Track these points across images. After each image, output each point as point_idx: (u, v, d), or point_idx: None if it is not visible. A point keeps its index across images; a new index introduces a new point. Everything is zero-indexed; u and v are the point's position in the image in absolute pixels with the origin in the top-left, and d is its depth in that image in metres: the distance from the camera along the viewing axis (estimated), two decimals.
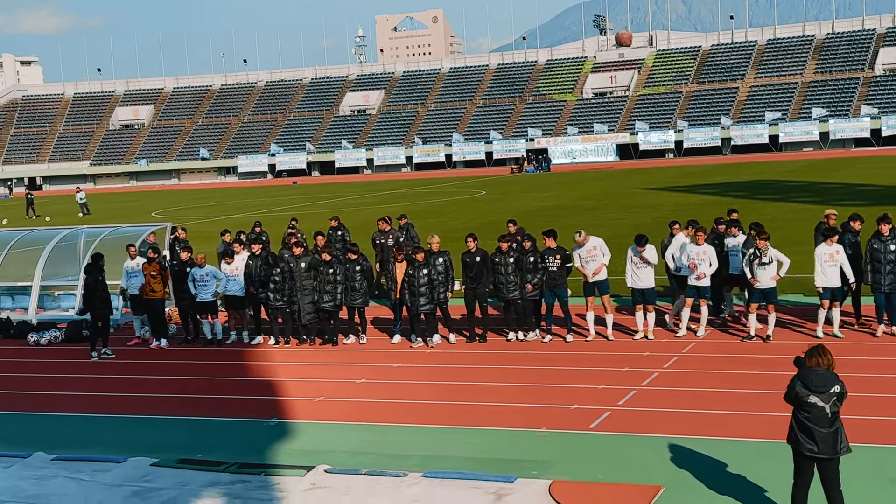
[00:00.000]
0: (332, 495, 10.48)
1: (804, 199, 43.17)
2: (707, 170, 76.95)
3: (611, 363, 15.70)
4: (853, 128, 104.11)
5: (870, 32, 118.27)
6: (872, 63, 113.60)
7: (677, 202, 46.50)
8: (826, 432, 8.53)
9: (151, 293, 19.32)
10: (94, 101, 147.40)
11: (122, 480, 11.37)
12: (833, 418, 8.56)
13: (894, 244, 16.08)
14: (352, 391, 15.05)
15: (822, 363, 8.64)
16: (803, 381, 8.62)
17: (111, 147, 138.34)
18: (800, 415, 8.65)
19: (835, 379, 8.58)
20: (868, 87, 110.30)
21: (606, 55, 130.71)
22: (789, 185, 54.44)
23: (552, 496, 10.04)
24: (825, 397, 8.51)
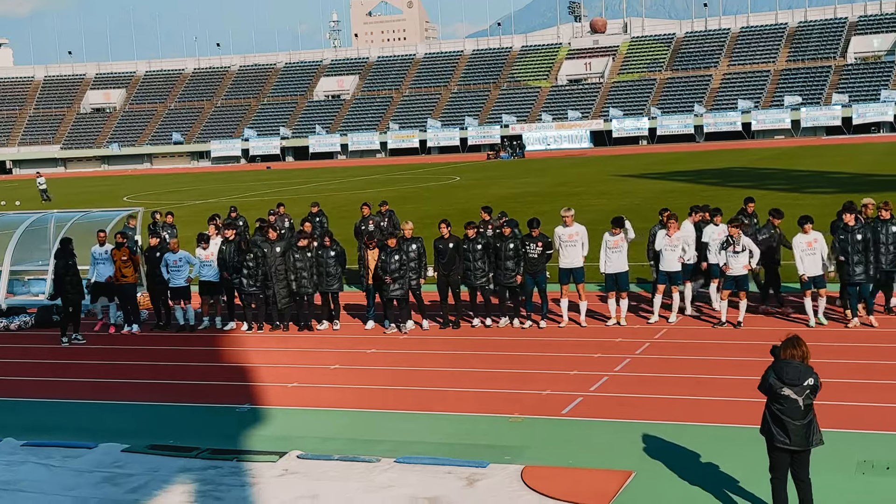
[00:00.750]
0: (304, 481, 10.46)
1: (776, 187, 43.46)
2: (680, 157, 77.29)
3: (583, 349, 15.75)
4: (825, 116, 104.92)
5: (842, 21, 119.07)
6: (844, 51, 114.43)
7: (651, 189, 46.68)
8: (799, 424, 8.46)
9: (123, 278, 19.20)
10: (65, 84, 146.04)
11: (92, 466, 11.30)
12: (806, 411, 8.48)
13: (861, 234, 16.15)
14: (325, 377, 15.03)
15: (796, 355, 8.54)
16: (777, 373, 8.52)
17: (82, 131, 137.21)
18: (773, 407, 8.56)
19: (809, 371, 8.48)
20: (839, 76, 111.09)
21: (581, 42, 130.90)
22: (762, 172, 54.77)
23: (524, 481, 10.07)
24: (798, 390, 8.42)
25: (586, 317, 17.66)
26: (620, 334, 16.67)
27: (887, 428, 11.17)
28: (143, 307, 20.42)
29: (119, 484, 10.70)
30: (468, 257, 17.79)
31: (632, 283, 18.92)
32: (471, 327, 17.87)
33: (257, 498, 10.07)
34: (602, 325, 17.47)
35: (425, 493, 9.94)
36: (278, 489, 10.27)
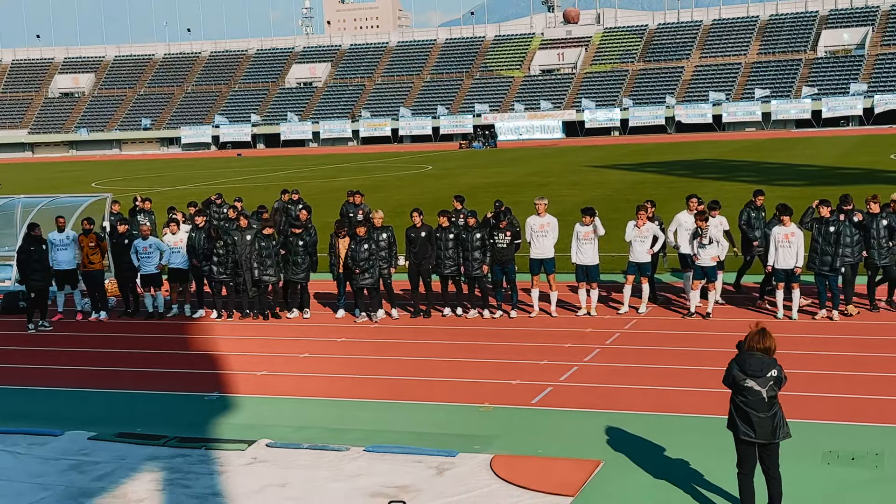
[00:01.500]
0: (273, 469, 10.45)
1: (746, 179, 43.73)
2: (651, 148, 77.62)
3: (553, 339, 15.81)
4: (794, 109, 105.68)
5: (812, 14, 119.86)
6: (815, 45, 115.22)
7: (622, 180, 46.87)
8: (763, 417, 8.38)
9: (90, 265, 19.04)
10: (33, 68, 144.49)
11: (59, 454, 11.23)
12: (770, 403, 8.40)
13: (835, 226, 16.25)
14: (295, 365, 15.00)
15: (759, 347, 8.45)
16: (740, 364, 8.45)
17: (50, 115, 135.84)
18: (737, 399, 8.48)
19: (772, 363, 8.41)
20: (810, 69, 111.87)
21: (554, 32, 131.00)
22: (732, 164, 55.13)
23: (493, 470, 10.11)
24: (762, 381, 8.34)
25: (557, 307, 17.71)
26: (591, 325, 16.74)
27: (852, 419, 11.29)
28: (111, 294, 20.25)
29: (85, 472, 10.64)
30: (440, 246, 17.77)
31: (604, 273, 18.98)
32: (441, 317, 17.88)
33: (225, 486, 10.05)
34: (573, 315, 17.53)
35: (394, 481, 9.96)
36: (247, 477, 10.25)
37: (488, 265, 17.56)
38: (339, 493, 9.73)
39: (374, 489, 9.77)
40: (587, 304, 17.56)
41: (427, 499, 9.35)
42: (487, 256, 17.52)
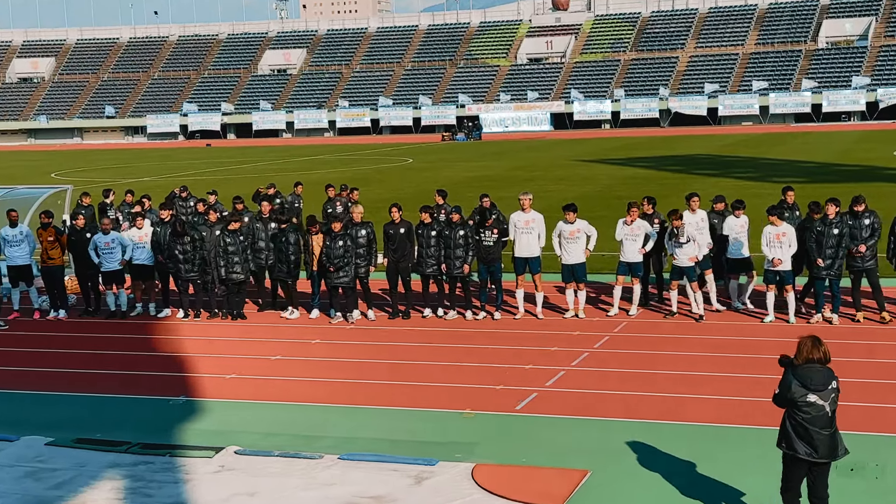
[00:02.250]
0: (242, 478, 10.42)
1: (742, 175, 43.91)
2: (644, 142, 77.87)
3: (539, 342, 15.82)
4: (793, 102, 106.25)
5: (813, 3, 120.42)
6: (815, 35, 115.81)
7: (612, 175, 47.00)
8: (826, 434, 8.06)
9: (49, 260, 18.94)
10: None
11: (14, 461, 11.17)
12: (832, 418, 8.11)
13: (839, 227, 16.21)
14: (266, 368, 14.95)
15: (816, 356, 8.09)
16: (800, 379, 8.05)
17: (7, 102, 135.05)
18: (797, 416, 8.08)
19: (832, 374, 8.11)
20: (810, 61, 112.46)
21: (542, 19, 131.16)
22: (727, 159, 55.32)
23: (475, 480, 10.11)
24: (824, 395, 8.02)
25: (543, 308, 17.72)
26: (578, 327, 16.76)
27: (853, 428, 11.33)
28: (71, 291, 20.13)
29: (42, 479, 10.59)
30: (421, 244, 17.74)
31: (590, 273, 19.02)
32: (421, 318, 17.87)
33: (191, 495, 10.01)
34: (559, 317, 17.54)
35: (369, 491, 9.95)
36: (214, 486, 10.22)
37: (471, 264, 17.56)
38: (311, 502, 9.72)
39: (347, 499, 9.76)
40: (575, 306, 17.58)
41: None
42: (471, 255, 17.50)
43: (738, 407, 12.23)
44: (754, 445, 10.87)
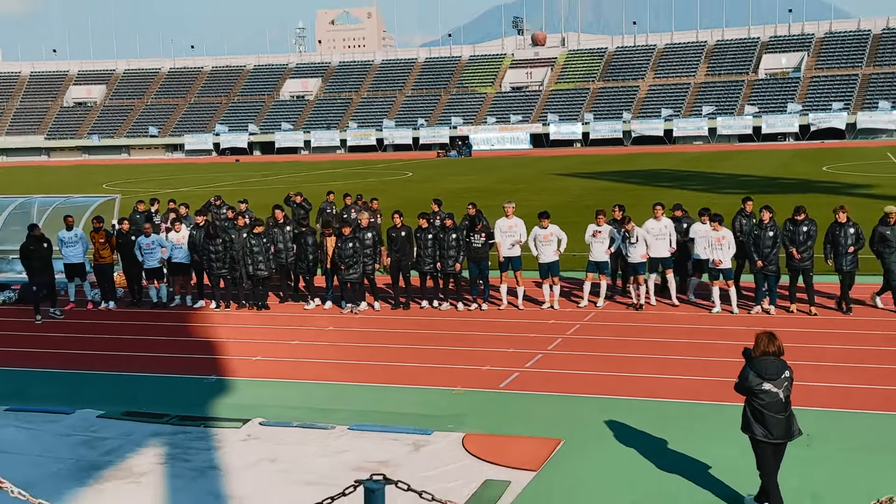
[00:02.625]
0: (266, 445, 10.42)
1: (695, 188, 44.00)
2: (610, 159, 77.90)
3: (520, 329, 15.84)
4: (737, 125, 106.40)
5: (755, 40, 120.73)
6: (756, 67, 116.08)
7: (583, 187, 47.02)
8: (781, 418, 7.96)
9: (101, 259, 18.97)
10: (50, 80, 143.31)
11: (70, 430, 11.16)
12: (787, 403, 8.01)
13: (773, 230, 16.30)
14: (286, 351, 14.95)
15: (771, 350, 8.02)
16: (756, 370, 7.97)
17: (65, 123, 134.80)
18: (754, 402, 8.01)
19: (785, 365, 8.03)
20: (752, 89, 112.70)
21: (523, 53, 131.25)
22: (682, 173, 55.42)
23: (465, 447, 10.12)
24: (778, 383, 7.93)
25: (523, 300, 17.75)
26: (553, 317, 16.78)
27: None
28: (119, 285, 20.12)
29: (95, 447, 10.58)
30: (419, 245, 17.77)
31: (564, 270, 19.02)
32: (419, 309, 17.88)
33: (222, 460, 10.01)
34: (537, 308, 17.56)
35: (375, 457, 9.95)
36: (241, 452, 10.22)
37: (463, 263, 17.60)
38: (324, 467, 9.71)
39: (356, 464, 9.76)
40: (550, 298, 17.60)
41: (405, 473, 9.34)
42: (461, 255, 17.53)
43: (693, 384, 12.26)
44: (711, 420, 10.91)
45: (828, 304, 16.70)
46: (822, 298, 16.91)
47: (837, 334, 14.83)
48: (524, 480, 9.22)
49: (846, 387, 12.00)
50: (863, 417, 10.86)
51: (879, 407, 11.16)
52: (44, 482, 9.50)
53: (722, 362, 13.20)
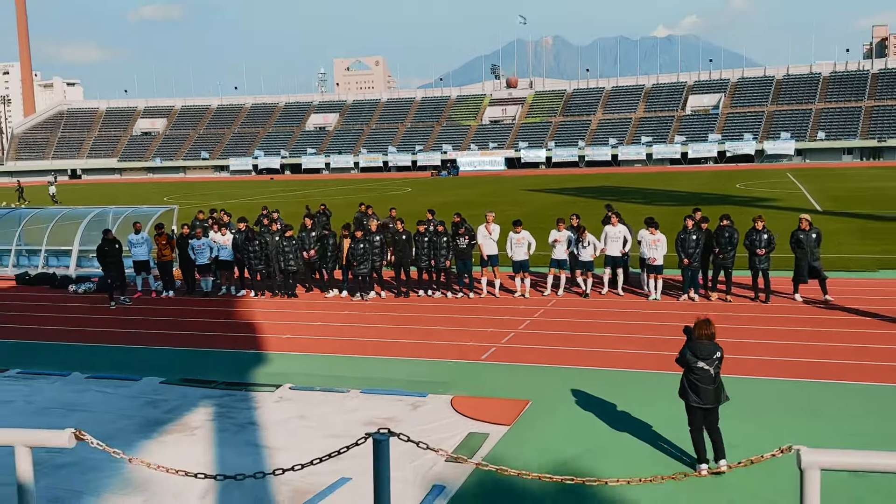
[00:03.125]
0: (294, 405, 10.38)
1: (636, 201, 44.06)
2: (568, 178, 77.95)
3: (497, 313, 15.82)
4: (669, 151, 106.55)
5: (683, 84, 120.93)
6: (684, 106, 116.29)
7: (547, 200, 47.03)
8: (710, 388, 7.90)
9: (162, 257, 18.88)
10: (122, 114, 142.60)
11: (137, 394, 11.10)
12: (715, 376, 7.92)
13: (696, 234, 16.32)
14: (311, 331, 14.90)
15: (706, 335, 7.93)
16: (692, 350, 7.93)
17: (134, 148, 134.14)
18: (690, 376, 7.96)
19: (716, 347, 7.95)
20: (680, 123, 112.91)
21: (500, 94, 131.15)
22: (625, 189, 55.48)
23: (453, 407, 10.11)
24: (710, 362, 7.88)
25: (500, 290, 17.73)
26: (523, 303, 16.77)
27: None
28: (176, 278, 20.03)
29: (158, 406, 10.53)
30: (417, 246, 17.74)
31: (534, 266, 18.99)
32: (417, 297, 17.84)
33: (260, 417, 9.97)
34: (511, 296, 17.55)
35: (382, 414, 9.93)
36: (275, 411, 10.18)
37: (452, 260, 17.59)
38: (342, 422, 9.69)
39: (367, 420, 9.74)
40: (521, 289, 17.58)
41: (406, 426, 9.32)
42: (451, 254, 17.52)
43: (637, 356, 12.27)
44: (653, 385, 10.91)
45: (745, 294, 16.70)
46: (738, 289, 16.95)
47: (750, 317, 14.86)
48: (500, 433, 9.21)
49: (757, 358, 12.03)
50: (771, 383, 10.89)
51: (785, 374, 11.19)
52: (117, 435, 9.45)
53: (659, 339, 13.22)
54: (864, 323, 14.03)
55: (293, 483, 7.88)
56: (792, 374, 11.19)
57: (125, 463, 8.17)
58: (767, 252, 15.94)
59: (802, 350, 12.39)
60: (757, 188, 52.25)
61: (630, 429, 9.27)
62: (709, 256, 16.45)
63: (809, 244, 15.82)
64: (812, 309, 15.38)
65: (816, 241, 15.93)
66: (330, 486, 7.80)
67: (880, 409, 9.68)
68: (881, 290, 17.02)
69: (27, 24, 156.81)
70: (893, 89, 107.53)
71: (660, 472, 7.94)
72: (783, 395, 10.34)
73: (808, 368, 11.42)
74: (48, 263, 22.35)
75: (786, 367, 11.50)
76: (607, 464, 8.31)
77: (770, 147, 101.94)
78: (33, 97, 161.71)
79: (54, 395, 11.15)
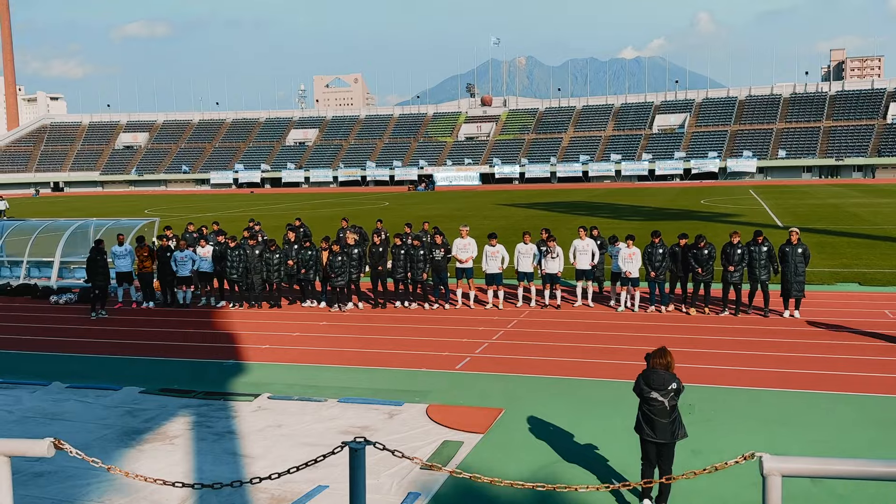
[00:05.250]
0: (272, 414, 10.28)
1: (605, 215, 44.37)
2: (540, 193, 78.38)
3: (471, 324, 15.81)
4: (637, 167, 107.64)
5: (650, 104, 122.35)
6: (651, 124, 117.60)
7: (519, 214, 47.23)
8: (665, 422, 7.15)
9: (144, 269, 18.66)
10: (104, 128, 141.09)
11: (117, 403, 10.93)
12: (671, 410, 7.15)
13: (662, 248, 16.38)
14: (289, 341, 14.78)
15: (661, 364, 7.20)
16: (645, 380, 7.21)
17: (116, 162, 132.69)
18: (644, 408, 7.24)
19: (672, 377, 7.15)
20: (648, 141, 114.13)
21: (475, 111, 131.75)
22: (595, 204, 55.88)
23: (428, 415, 10.07)
24: (664, 393, 7.12)
25: (474, 302, 17.73)
26: (497, 314, 16.78)
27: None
28: (156, 290, 19.77)
29: (137, 416, 10.37)
30: (395, 258, 17.69)
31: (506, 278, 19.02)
32: (394, 308, 17.79)
33: (238, 426, 9.85)
34: (483, 308, 17.56)
35: (358, 423, 9.86)
36: (253, 420, 10.07)
37: (427, 273, 17.57)
38: (318, 431, 9.60)
39: (344, 428, 9.67)
40: (494, 301, 17.60)
41: (382, 435, 9.26)
42: (427, 266, 17.49)
43: (605, 367, 12.31)
44: (619, 395, 10.95)
45: (716, 309, 16.81)
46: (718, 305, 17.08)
47: (720, 328, 14.99)
48: (474, 441, 9.18)
49: (725, 368, 12.13)
50: (736, 392, 10.98)
51: (749, 384, 11.30)
52: (96, 444, 9.29)
53: (628, 349, 13.28)
54: (828, 335, 14.22)
55: (270, 491, 7.80)
56: (759, 384, 11.30)
57: (104, 472, 8.04)
58: (739, 267, 15.81)
59: (769, 360, 12.52)
60: (721, 204, 52.89)
61: (601, 437, 9.29)
62: (688, 272, 16.37)
63: (795, 258, 15.43)
64: (780, 320, 15.55)
65: (802, 256, 15.43)
66: (307, 494, 7.73)
67: (841, 418, 9.80)
68: (840, 302, 17.27)
69: (11, 39, 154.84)
70: (850, 110, 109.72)
71: (629, 480, 7.95)
72: (750, 405, 10.43)
73: (775, 378, 11.53)
74: (30, 274, 22.01)
75: (752, 377, 11.61)
76: (578, 471, 8.31)
77: (733, 165, 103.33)
78: (17, 111, 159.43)
79: (34, 404, 10.95)
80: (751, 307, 16.17)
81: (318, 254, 18.11)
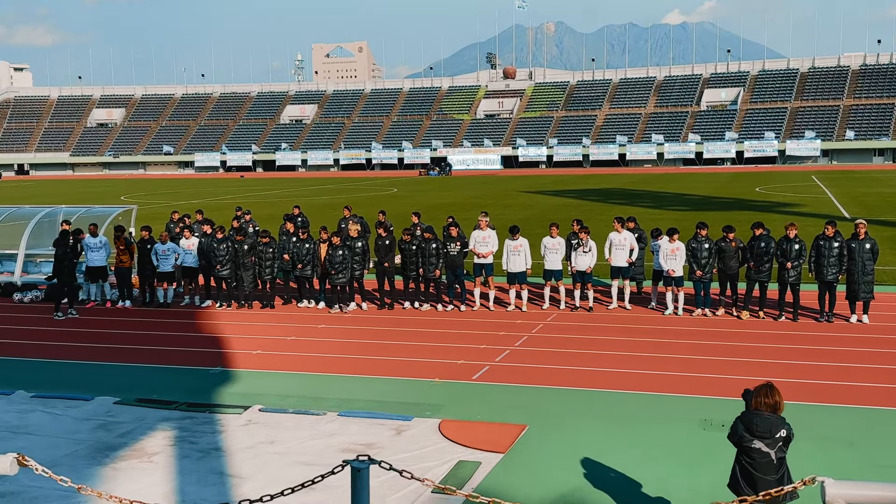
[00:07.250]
0: (263, 429, 10.34)
1: (644, 205, 44.23)
2: (570, 178, 78.22)
3: (491, 328, 15.82)
4: (682, 150, 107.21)
5: (697, 76, 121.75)
6: (699, 100, 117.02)
7: (546, 203, 47.18)
8: (770, 480, 6.26)
9: (121, 263, 18.80)
10: (75, 103, 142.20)
11: (89, 415, 11.03)
12: (779, 465, 6.36)
13: (707, 243, 16.30)
14: (283, 346, 14.86)
15: (767, 405, 6.39)
16: (745, 424, 6.38)
17: (89, 141, 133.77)
18: (742, 460, 6.41)
19: (781, 422, 6.36)
20: (695, 119, 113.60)
21: (496, 85, 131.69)
22: (633, 192, 55.72)
23: (441, 432, 10.09)
24: (770, 443, 6.30)
25: (494, 303, 17.74)
26: (520, 317, 16.78)
27: (722, 394, 11.42)
28: (134, 286, 19.91)
29: (111, 430, 10.46)
30: (405, 255, 17.72)
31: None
32: (402, 309, 17.83)
33: (225, 443, 9.92)
34: (505, 310, 17.56)
35: (362, 440, 9.90)
36: (243, 436, 10.13)
37: (441, 269, 17.58)
38: (316, 449, 9.65)
39: (345, 446, 9.71)
40: (517, 302, 17.59)
41: (388, 454, 9.30)
42: (441, 262, 17.52)
43: (643, 377, 12.29)
44: (659, 410, 10.91)
45: (772, 312, 16.70)
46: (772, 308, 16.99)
47: (778, 335, 14.91)
48: (493, 461, 9.19)
49: (783, 381, 12.04)
50: (794, 408, 10.87)
51: (809, 399, 11.23)
52: (65, 461, 9.38)
53: (670, 359, 13.25)
54: None
55: None
56: (820, 399, 11.24)
57: (74, 492, 8.11)
58: (797, 264, 15.61)
59: (832, 372, 12.45)
60: (778, 192, 52.58)
61: (636, 457, 9.27)
62: (736, 268, 16.21)
63: (862, 254, 15.24)
64: (844, 326, 15.45)
65: (871, 252, 15.25)
66: None
67: None
68: None
69: None
70: None
71: None
72: (812, 422, 10.38)
73: (841, 392, 11.47)
74: None
75: (813, 392, 11.55)
76: (610, 496, 8.31)
77: (793, 147, 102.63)
78: None
79: None
80: (825, 313, 15.79)
81: (316, 247, 18.15)
